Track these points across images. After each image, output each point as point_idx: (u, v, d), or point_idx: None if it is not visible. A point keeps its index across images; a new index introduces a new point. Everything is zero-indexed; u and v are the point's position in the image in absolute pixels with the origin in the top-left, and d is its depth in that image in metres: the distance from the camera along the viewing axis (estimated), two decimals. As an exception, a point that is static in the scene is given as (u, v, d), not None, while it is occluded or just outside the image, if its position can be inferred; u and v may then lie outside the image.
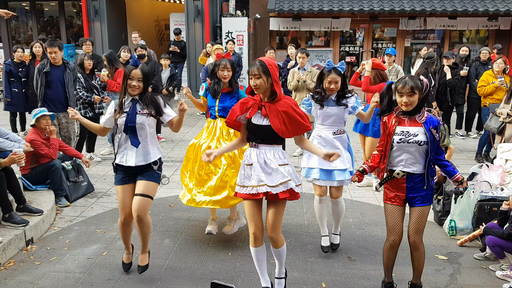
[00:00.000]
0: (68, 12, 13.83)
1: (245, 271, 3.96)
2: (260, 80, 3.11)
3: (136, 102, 3.59)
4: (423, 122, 3.20)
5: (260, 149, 3.24)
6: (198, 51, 11.89)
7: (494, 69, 7.25)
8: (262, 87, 3.14)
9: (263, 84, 3.12)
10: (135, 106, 3.58)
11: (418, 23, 11.52)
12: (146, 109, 3.57)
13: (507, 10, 10.83)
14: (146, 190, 3.59)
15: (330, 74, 4.02)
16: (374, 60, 5.86)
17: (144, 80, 3.56)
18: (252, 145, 3.29)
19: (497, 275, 3.93)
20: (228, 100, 4.31)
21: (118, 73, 7.27)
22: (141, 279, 3.84)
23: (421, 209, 3.26)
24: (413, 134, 3.19)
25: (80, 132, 6.81)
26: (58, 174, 5.34)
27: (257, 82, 3.12)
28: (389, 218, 3.33)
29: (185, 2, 11.80)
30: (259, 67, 3.11)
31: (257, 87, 3.14)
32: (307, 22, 11.62)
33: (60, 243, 4.47)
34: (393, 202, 3.32)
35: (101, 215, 5.18)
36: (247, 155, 3.31)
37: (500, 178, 5.24)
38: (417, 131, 3.19)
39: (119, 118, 3.58)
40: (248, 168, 3.27)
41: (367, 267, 4.05)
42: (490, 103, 7.21)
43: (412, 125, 3.22)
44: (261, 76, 3.11)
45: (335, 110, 4.07)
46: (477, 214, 4.59)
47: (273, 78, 3.15)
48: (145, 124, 3.57)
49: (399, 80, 3.23)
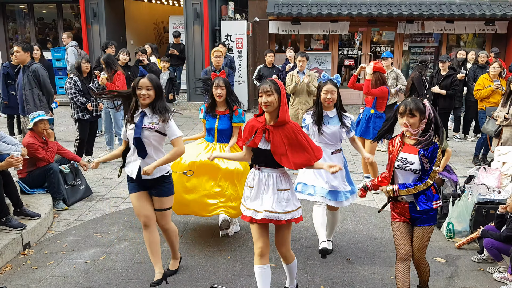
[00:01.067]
0: (66, 14, 13.82)
1: (244, 275, 3.95)
2: (271, 97, 3.08)
3: (144, 115, 3.54)
4: (419, 149, 3.17)
5: (263, 173, 3.23)
6: (197, 54, 11.90)
7: (490, 72, 7.27)
8: (272, 105, 3.10)
9: (274, 102, 3.09)
10: (143, 119, 3.54)
11: (415, 26, 11.57)
12: (152, 124, 3.51)
13: (504, 14, 10.88)
14: (164, 204, 3.67)
15: (326, 85, 4.03)
16: (376, 63, 5.88)
17: (155, 88, 3.51)
18: (256, 167, 3.28)
19: (495, 277, 3.94)
20: (227, 122, 4.34)
21: (116, 76, 7.24)
22: (140, 282, 3.83)
23: (424, 229, 3.31)
24: (410, 162, 3.20)
25: (80, 135, 6.79)
26: (55, 177, 5.32)
27: (269, 99, 3.08)
28: (397, 234, 3.37)
29: (184, 5, 11.81)
30: (271, 84, 3.11)
31: (268, 104, 3.09)
32: (305, 25, 11.64)
33: (57, 247, 4.46)
34: (400, 220, 3.37)
35: (99, 218, 5.16)
36: (250, 177, 3.32)
37: (497, 181, 5.25)
38: (413, 158, 3.20)
39: (129, 129, 3.56)
40: (249, 190, 3.30)
41: (366, 270, 4.05)
42: (486, 107, 7.23)
43: (411, 152, 3.21)
44: (273, 93, 3.08)
45: (333, 129, 4.04)
46: (475, 216, 4.60)
47: (282, 98, 3.13)
48: (149, 139, 3.51)
49: (402, 102, 3.26)
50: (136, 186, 3.63)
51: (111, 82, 7.21)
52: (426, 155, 3.14)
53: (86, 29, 12.30)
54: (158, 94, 3.54)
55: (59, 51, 12.63)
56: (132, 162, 3.59)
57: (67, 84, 6.67)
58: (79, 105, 6.66)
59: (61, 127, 9.46)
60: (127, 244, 4.54)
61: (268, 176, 3.21)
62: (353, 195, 4.18)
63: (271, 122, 3.17)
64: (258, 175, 3.24)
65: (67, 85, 6.66)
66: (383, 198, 5.76)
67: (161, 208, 3.67)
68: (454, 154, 7.62)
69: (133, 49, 9.52)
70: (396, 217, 3.38)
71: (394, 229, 3.39)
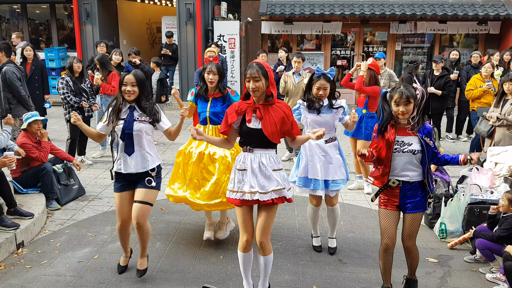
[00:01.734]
0: (59, 14, 13.76)
1: (237, 275, 3.96)
2: (259, 82, 3.07)
3: (133, 109, 3.57)
4: (418, 131, 3.26)
5: (255, 154, 3.20)
6: (190, 54, 11.89)
7: (482, 73, 7.32)
8: (260, 90, 3.10)
9: (261, 86, 3.09)
10: (133, 113, 3.56)
11: (408, 27, 11.63)
12: (143, 116, 3.56)
13: (497, 14, 10.96)
14: (145, 197, 3.60)
15: (319, 80, 4.02)
16: (374, 61, 5.88)
17: (138, 84, 3.54)
18: (246, 149, 3.24)
19: (487, 277, 3.97)
20: (220, 105, 4.27)
21: (111, 76, 7.23)
22: (132, 282, 3.83)
23: (414, 215, 3.35)
24: (407, 143, 3.26)
25: (71, 135, 6.77)
26: (49, 177, 5.31)
27: (256, 85, 3.07)
28: (382, 221, 3.40)
29: (177, 5, 11.80)
30: (258, 69, 3.07)
31: (256, 90, 3.08)
32: (298, 25, 11.67)
33: (51, 247, 4.45)
34: (387, 207, 3.40)
35: (92, 218, 5.15)
36: (240, 160, 3.26)
37: (490, 181, 5.29)
38: (411, 140, 3.26)
39: (117, 126, 3.56)
40: (240, 173, 3.24)
41: (358, 270, 4.07)
42: (478, 107, 7.29)
43: (406, 134, 3.28)
44: (260, 79, 3.07)
45: (326, 117, 4.08)
46: (467, 217, 4.63)
47: (270, 81, 3.12)
48: (142, 131, 3.56)
49: (394, 90, 3.27)
50: (122, 185, 3.65)
51: (106, 83, 7.19)
52: (427, 135, 3.27)
53: (79, 29, 12.26)
54: (142, 91, 3.57)
55: (52, 51, 12.57)
56: (125, 158, 3.60)
57: (59, 84, 6.65)
58: (72, 105, 6.63)
59: (54, 127, 9.43)
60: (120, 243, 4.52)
61: (261, 156, 3.19)
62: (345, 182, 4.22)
63: (259, 102, 3.16)
64: (250, 157, 3.20)
65: (59, 85, 6.64)
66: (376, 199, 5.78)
67: (143, 200, 3.58)
68: (446, 154, 7.67)
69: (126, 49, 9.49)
70: (384, 204, 3.41)
71: (381, 216, 3.42)
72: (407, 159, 3.27)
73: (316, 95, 4.04)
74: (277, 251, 4.36)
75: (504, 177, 5.32)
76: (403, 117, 3.23)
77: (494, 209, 4.11)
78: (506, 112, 6.13)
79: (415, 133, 3.26)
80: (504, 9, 11.12)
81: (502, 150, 5.60)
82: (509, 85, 6.07)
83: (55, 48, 12.83)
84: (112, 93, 7.30)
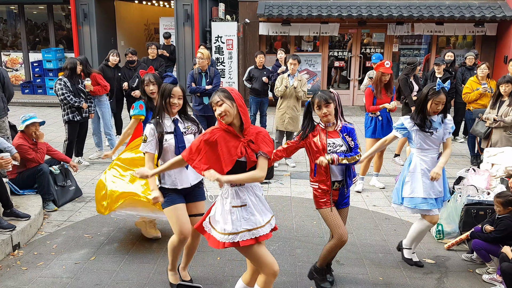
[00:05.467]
0: (56, 15, 13.73)
1: (234, 276, 3.96)
2: (224, 105, 2.77)
3: (177, 121, 3.49)
4: (339, 131, 3.51)
5: (246, 187, 2.90)
6: (187, 55, 11.89)
7: (478, 74, 7.34)
8: (229, 113, 2.79)
9: (229, 108, 2.78)
10: (178, 126, 3.48)
11: (405, 28, 11.65)
12: (188, 128, 3.53)
13: (493, 16, 11.00)
14: (202, 209, 3.64)
15: (440, 95, 3.79)
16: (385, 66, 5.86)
17: (184, 97, 3.52)
18: (235, 184, 2.87)
19: (484, 278, 3.98)
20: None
21: (94, 77, 7.17)
22: (130, 283, 3.82)
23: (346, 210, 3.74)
24: (339, 144, 3.51)
25: (69, 136, 6.76)
26: (45, 178, 5.29)
27: (222, 109, 2.76)
28: (332, 218, 3.57)
29: (175, 6, 11.80)
30: (220, 94, 2.81)
31: (224, 114, 2.78)
32: (296, 27, 11.68)
33: (47, 248, 4.43)
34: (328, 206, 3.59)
35: (89, 219, 5.14)
36: (233, 196, 2.88)
37: (487, 182, 5.30)
38: (340, 141, 3.51)
39: (167, 140, 3.41)
40: (238, 210, 2.88)
41: (355, 271, 4.07)
42: (474, 108, 7.31)
43: (335, 136, 3.53)
44: (224, 102, 2.78)
45: (440, 133, 3.92)
46: (464, 218, 4.64)
47: (238, 103, 2.82)
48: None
49: (313, 96, 3.51)
50: (176, 198, 3.49)
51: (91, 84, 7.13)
52: (348, 134, 3.52)
53: (76, 30, 12.24)
54: (185, 102, 3.56)
55: (49, 52, 12.56)
56: (178, 173, 3.46)
57: (57, 86, 6.63)
58: (72, 104, 6.62)
59: (51, 128, 9.41)
60: (117, 245, 4.52)
61: (253, 187, 2.94)
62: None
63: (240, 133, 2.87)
64: (246, 191, 2.89)
65: (57, 86, 6.63)
66: (373, 200, 5.80)
67: (199, 213, 3.59)
68: (444, 155, 7.68)
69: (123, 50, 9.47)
70: (324, 205, 3.59)
71: (326, 215, 3.58)
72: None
73: (434, 110, 3.84)
74: (274, 253, 4.36)
75: (500, 178, 5.34)
76: (326, 119, 3.46)
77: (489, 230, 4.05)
78: (503, 114, 6.16)
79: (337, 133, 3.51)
80: (501, 10, 11.16)
81: (498, 151, 5.62)
82: (505, 87, 6.10)
83: (52, 49, 12.81)
84: (106, 91, 7.33)
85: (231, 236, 2.86)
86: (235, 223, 2.86)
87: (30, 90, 12.95)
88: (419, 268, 4.15)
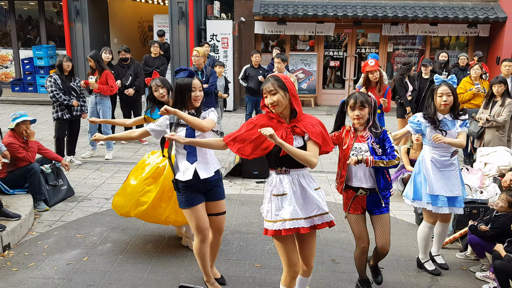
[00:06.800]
0: (48, 12, 13.59)
1: (229, 275, 3.92)
2: (277, 95, 2.78)
3: (192, 115, 3.39)
4: (367, 137, 3.33)
5: (291, 175, 2.88)
6: (182, 53, 11.81)
7: (471, 75, 7.38)
8: (281, 104, 2.79)
9: (281, 99, 2.78)
10: None
11: (400, 29, 11.68)
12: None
13: (486, 17, 11.06)
14: (221, 208, 3.55)
15: (441, 87, 3.76)
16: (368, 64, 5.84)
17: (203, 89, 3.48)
18: (280, 171, 2.88)
19: (477, 276, 4.00)
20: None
21: (106, 75, 7.06)
22: (123, 284, 3.77)
23: (384, 215, 3.44)
24: (364, 150, 3.31)
25: (56, 133, 6.66)
26: (36, 177, 5.22)
27: (274, 99, 2.77)
28: (356, 227, 3.46)
29: (169, 3, 11.72)
30: (274, 82, 2.80)
31: (275, 104, 2.78)
32: (291, 26, 11.66)
33: (38, 249, 4.36)
34: (356, 211, 3.45)
35: (82, 219, 5.07)
36: (275, 184, 2.90)
37: (480, 181, 5.33)
38: (364, 146, 3.32)
39: (178, 132, 3.33)
40: (279, 198, 2.88)
41: (351, 270, 4.06)
42: (467, 108, 7.34)
43: (362, 141, 3.34)
44: (277, 91, 2.78)
45: (451, 132, 3.79)
46: (457, 216, 4.65)
47: (291, 93, 2.81)
48: (202, 137, 3.34)
49: (349, 96, 3.37)
50: (193, 196, 3.40)
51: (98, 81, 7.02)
52: (377, 141, 3.30)
53: (68, 27, 12.10)
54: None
55: (40, 49, 12.42)
56: (186, 168, 3.38)
57: (47, 83, 6.55)
58: (62, 102, 6.54)
59: (42, 127, 9.30)
60: (110, 245, 4.47)
61: (300, 177, 2.89)
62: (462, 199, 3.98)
63: (287, 120, 2.89)
64: (288, 179, 2.87)
65: (47, 84, 6.54)
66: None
67: (220, 212, 3.53)
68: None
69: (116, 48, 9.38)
70: (352, 211, 3.45)
71: (352, 221, 3.46)
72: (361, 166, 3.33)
73: (441, 103, 3.74)
74: (270, 252, 4.34)
75: (493, 177, 5.36)
76: (358, 121, 3.31)
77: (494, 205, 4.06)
78: (495, 114, 6.19)
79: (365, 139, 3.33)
80: (493, 12, 11.23)
81: (491, 151, 5.65)
82: (498, 87, 6.13)
83: (43, 46, 12.68)
84: (111, 93, 7.19)
85: (266, 223, 2.91)
86: (271, 211, 2.89)
87: (20, 88, 12.79)
88: (413, 266, 4.15)
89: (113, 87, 7.14)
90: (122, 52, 8.11)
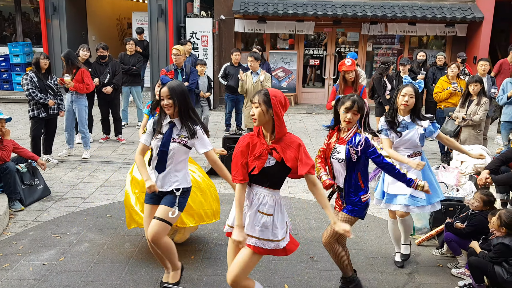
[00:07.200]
0: (24, 8, 13.29)
1: (208, 274, 3.92)
2: (258, 110, 2.78)
3: (173, 125, 3.37)
4: (347, 140, 3.35)
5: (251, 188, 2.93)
6: (161, 51, 11.71)
7: (448, 74, 7.51)
8: (260, 119, 2.79)
9: (261, 114, 2.78)
10: (172, 130, 3.37)
11: (379, 28, 11.81)
12: (181, 137, 3.37)
13: (464, 17, 11.27)
14: (164, 215, 3.35)
15: (406, 87, 3.84)
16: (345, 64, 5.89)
17: (175, 97, 3.30)
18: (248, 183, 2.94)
19: (453, 273, 4.07)
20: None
21: (81, 73, 6.95)
22: (100, 284, 3.73)
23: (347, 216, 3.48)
24: (337, 151, 3.38)
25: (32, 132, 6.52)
26: (11, 177, 5.11)
27: (255, 112, 2.79)
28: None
29: (148, 1, 11.60)
30: (261, 95, 2.80)
31: (254, 118, 2.80)
32: (272, 24, 11.68)
33: (13, 249, 4.27)
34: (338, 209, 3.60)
35: (58, 219, 4.99)
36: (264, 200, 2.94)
37: (456, 179, 5.43)
38: (342, 149, 3.36)
39: (155, 139, 3.38)
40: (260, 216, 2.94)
41: (329, 267, 4.09)
42: (444, 107, 7.47)
43: (341, 143, 3.39)
44: (260, 106, 2.78)
45: (409, 134, 3.88)
46: (434, 214, 4.73)
47: (275, 111, 2.77)
48: (174, 151, 3.35)
49: (348, 97, 3.34)
50: (151, 197, 3.49)
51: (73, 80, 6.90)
52: (355, 147, 3.27)
53: (45, 24, 11.86)
54: (181, 103, 3.33)
55: (17, 47, 12.14)
56: (151, 173, 3.47)
57: (23, 81, 6.41)
58: (37, 101, 6.41)
59: (18, 125, 9.11)
60: (87, 245, 4.40)
61: (255, 193, 2.92)
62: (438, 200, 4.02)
63: (269, 139, 2.86)
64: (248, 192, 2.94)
65: (23, 81, 6.41)
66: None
67: (161, 217, 3.34)
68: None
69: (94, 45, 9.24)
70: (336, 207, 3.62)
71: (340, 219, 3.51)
72: (336, 166, 3.42)
73: (401, 103, 3.82)
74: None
75: (469, 175, 5.47)
76: (346, 125, 3.35)
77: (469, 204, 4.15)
78: (471, 113, 6.31)
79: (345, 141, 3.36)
80: (471, 12, 11.45)
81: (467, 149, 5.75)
82: (474, 86, 6.25)
83: (19, 43, 12.39)
84: (87, 91, 7.08)
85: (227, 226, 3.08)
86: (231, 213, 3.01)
87: (-4, 85, 12.50)
88: (390, 263, 4.20)
89: (89, 85, 7.03)
90: (100, 49, 7.98)
